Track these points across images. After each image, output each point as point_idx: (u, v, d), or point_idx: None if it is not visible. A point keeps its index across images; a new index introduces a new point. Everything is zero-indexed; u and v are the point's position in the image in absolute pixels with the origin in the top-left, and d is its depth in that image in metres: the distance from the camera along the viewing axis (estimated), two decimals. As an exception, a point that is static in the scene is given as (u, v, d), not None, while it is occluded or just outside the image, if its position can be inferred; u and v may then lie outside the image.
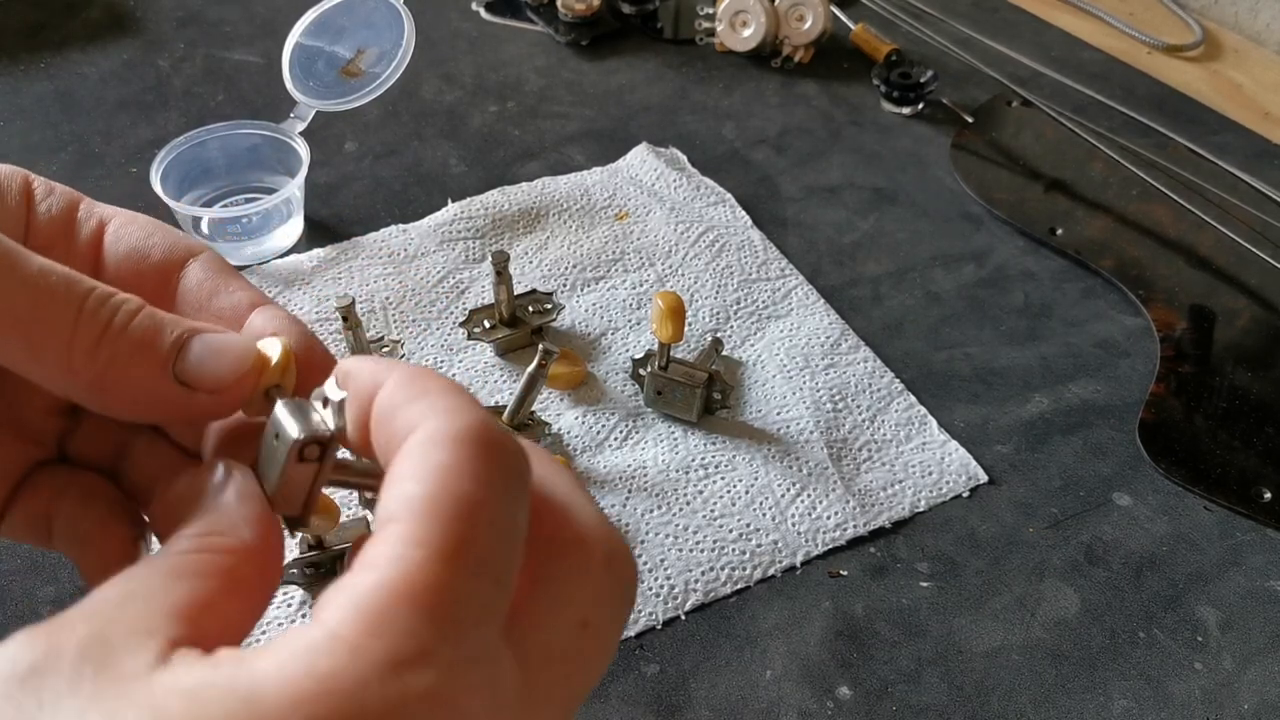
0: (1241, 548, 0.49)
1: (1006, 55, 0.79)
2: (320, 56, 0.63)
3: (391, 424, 0.24)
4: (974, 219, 0.68)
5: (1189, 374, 0.57)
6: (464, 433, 0.23)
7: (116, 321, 0.27)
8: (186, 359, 0.27)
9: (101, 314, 0.27)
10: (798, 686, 0.43)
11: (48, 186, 0.30)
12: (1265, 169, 0.71)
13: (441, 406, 0.24)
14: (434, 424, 0.23)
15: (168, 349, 0.27)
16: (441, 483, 0.22)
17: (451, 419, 0.24)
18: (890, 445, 0.53)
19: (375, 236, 0.63)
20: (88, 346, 0.26)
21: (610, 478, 0.50)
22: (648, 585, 0.46)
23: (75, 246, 0.30)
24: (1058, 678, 0.44)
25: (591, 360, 0.56)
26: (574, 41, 0.82)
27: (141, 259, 0.30)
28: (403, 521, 0.22)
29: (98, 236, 0.30)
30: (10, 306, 0.26)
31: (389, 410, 0.25)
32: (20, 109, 0.72)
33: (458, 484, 0.22)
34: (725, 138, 0.74)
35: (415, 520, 0.22)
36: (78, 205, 0.31)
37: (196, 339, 0.28)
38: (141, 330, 0.27)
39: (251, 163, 0.64)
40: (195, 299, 0.30)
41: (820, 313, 0.60)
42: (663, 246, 0.63)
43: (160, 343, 0.27)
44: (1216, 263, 0.64)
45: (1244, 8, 0.92)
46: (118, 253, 0.30)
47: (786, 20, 0.80)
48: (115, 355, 0.27)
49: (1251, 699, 0.44)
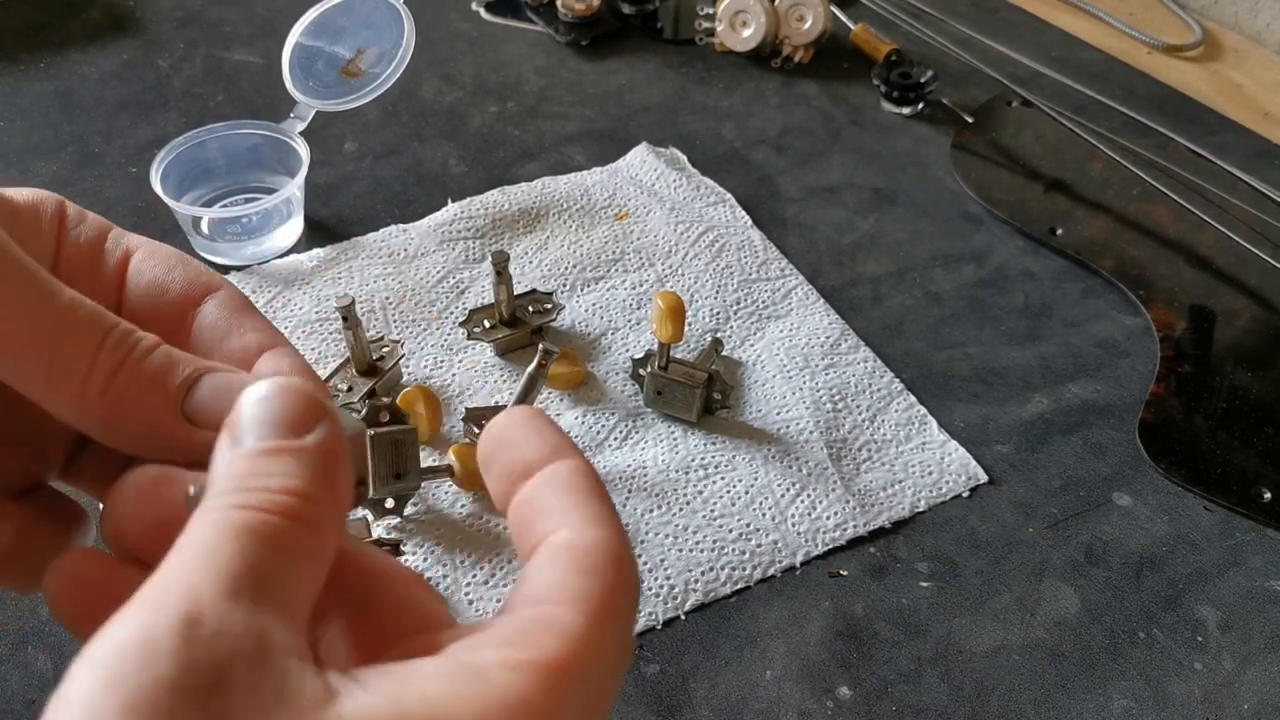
0: (1241, 548, 0.50)
1: (1006, 55, 0.79)
2: (320, 56, 0.63)
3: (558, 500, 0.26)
4: (974, 219, 0.68)
5: (1189, 374, 0.57)
6: (629, 561, 0.25)
7: (133, 357, 0.27)
8: (195, 397, 0.28)
9: (121, 350, 0.27)
10: (798, 686, 0.43)
11: (80, 214, 0.31)
12: (1265, 169, 0.71)
13: (615, 522, 0.26)
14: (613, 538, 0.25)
15: (178, 385, 0.28)
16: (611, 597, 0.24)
17: (624, 542, 0.26)
18: (890, 445, 0.53)
19: (375, 236, 0.63)
20: (104, 379, 0.27)
21: (610, 478, 0.50)
22: (648, 585, 0.46)
23: (101, 276, 0.31)
24: (1058, 678, 0.44)
25: (591, 360, 0.56)
26: (574, 41, 0.82)
27: (161, 294, 0.31)
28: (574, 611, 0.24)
29: (123, 266, 0.31)
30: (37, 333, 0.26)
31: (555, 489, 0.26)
32: (20, 109, 0.72)
33: (619, 603, 0.24)
34: (725, 138, 0.74)
35: (586, 617, 0.23)
36: (107, 234, 0.31)
37: (207, 378, 0.28)
38: (155, 366, 0.28)
39: (251, 163, 0.64)
40: (210, 338, 0.30)
41: (820, 313, 0.60)
42: (663, 246, 0.63)
43: (172, 379, 0.28)
44: (1216, 263, 0.64)
45: (1244, 8, 0.92)
46: (140, 286, 0.31)
47: (786, 20, 0.80)
48: (128, 389, 0.27)
49: (1251, 699, 0.44)
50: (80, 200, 0.69)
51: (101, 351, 0.27)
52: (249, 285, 0.59)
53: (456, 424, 0.52)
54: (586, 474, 0.26)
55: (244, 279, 0.59)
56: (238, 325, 0.31)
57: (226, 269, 0.60)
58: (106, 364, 0.27)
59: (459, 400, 0.54)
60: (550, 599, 0.24)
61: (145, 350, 0.28)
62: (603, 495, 0.26)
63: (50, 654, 0.42)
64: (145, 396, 0.27)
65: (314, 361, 0.55)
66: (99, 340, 0.27)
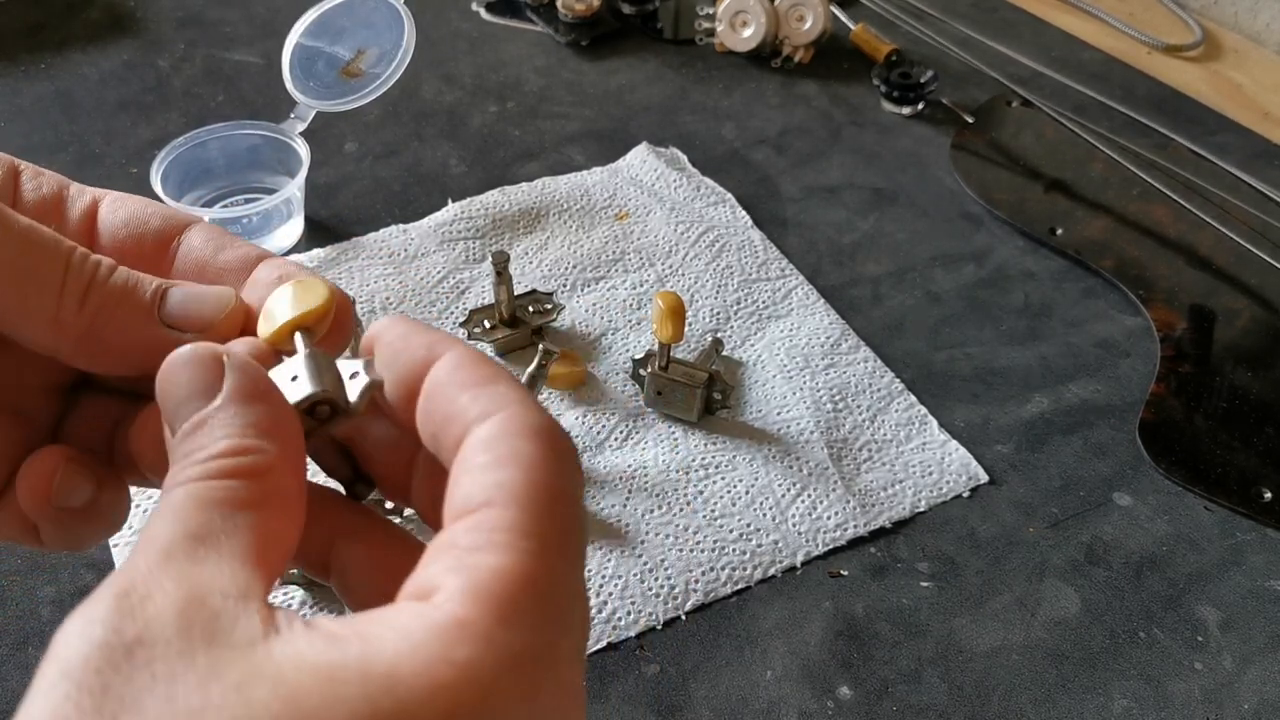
0: (1241, 548, 0.50)
1: (1006, 55, 0.79)
2: (320, 57, 0.63)
3: (453, 404, 0.24)
4: (974, 219, 0.68)
5: (1189, 374, 0.57)
6: (545, 428, 0.24)
7: (100, 274, 0.27)
8: (169, 304, 0.28)
9: (87, 267, 0.27)
10: (798, 686, 0.43)
11: (36, 171, 0.31)
12: (1265, 169, 0.71)
13: (515, 398, 0.24)
14: (517, 415, 0.24)
15: (150, 295, 0.28)
16: (540, 475, 0.23)
17: (530, 412, 0.24)
18: (890, 445, 0.53)
19: (375, 236, 0.63)
20: (77, 296, 0.27)
21: (610, 478, 0.50)
22: (648, 585, 0.46)
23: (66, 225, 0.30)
24: (1058, 678, 0.44)
25: (591, 360, 0.56)
26: (574, 42, 0.82)
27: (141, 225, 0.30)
28: (506, 508, 0.22)
29: (91, 214, 0.31)
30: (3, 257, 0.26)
31: (450, 389, 0.25)
32: (20, 109, 0.72)
33: (552, 478, 0.23)
34: (725, 138, 0.74)
35: (520, 510, 0.22)
36: (67, 189, 0.31)
37: (175, 288, 0.28)
38: (123, 281, 0.27)
39: (251, 163, 0.64)
40: (198, 258, 0.30)
41: (820, 313, 0.60)
42: (663, 246, 0.63)
43: (142, 291, 0.28)
44: (1216, 263, 0.64)
45: (1244, 8, 0.92)
46: (114, 224, 0.30)
47: (786, 20, 0.80)
48: (103, 304, 0.27)
49: (1251, 699, 0.44)
50: (80, 200, 0.68)
51: (69, 268, 0.27)
52: (249, 285, 0.59)
53: (457, 424, 0.52)
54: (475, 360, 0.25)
55: (244, 279, 0.59)
56: (226, 244, 0.30)
57: (226, 269, 0.60)
58: (76, 280, 0.27)
59: (459, 400, 0.54)
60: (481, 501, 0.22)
61: (110, 268, 0.27)
62: (498, 375, 0.25)
63: (50, 654, 0.42)
64: (121, 308, 0.27)
65: (314, 361, 0.55)
66: (65, 258, 0.27)
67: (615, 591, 0.46)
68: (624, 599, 0.45)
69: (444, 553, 0.22)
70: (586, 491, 0.50)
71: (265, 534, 0.22)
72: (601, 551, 0.47)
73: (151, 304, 0.28)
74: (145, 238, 0.30)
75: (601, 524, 0.48)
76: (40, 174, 0.30)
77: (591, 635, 0.44)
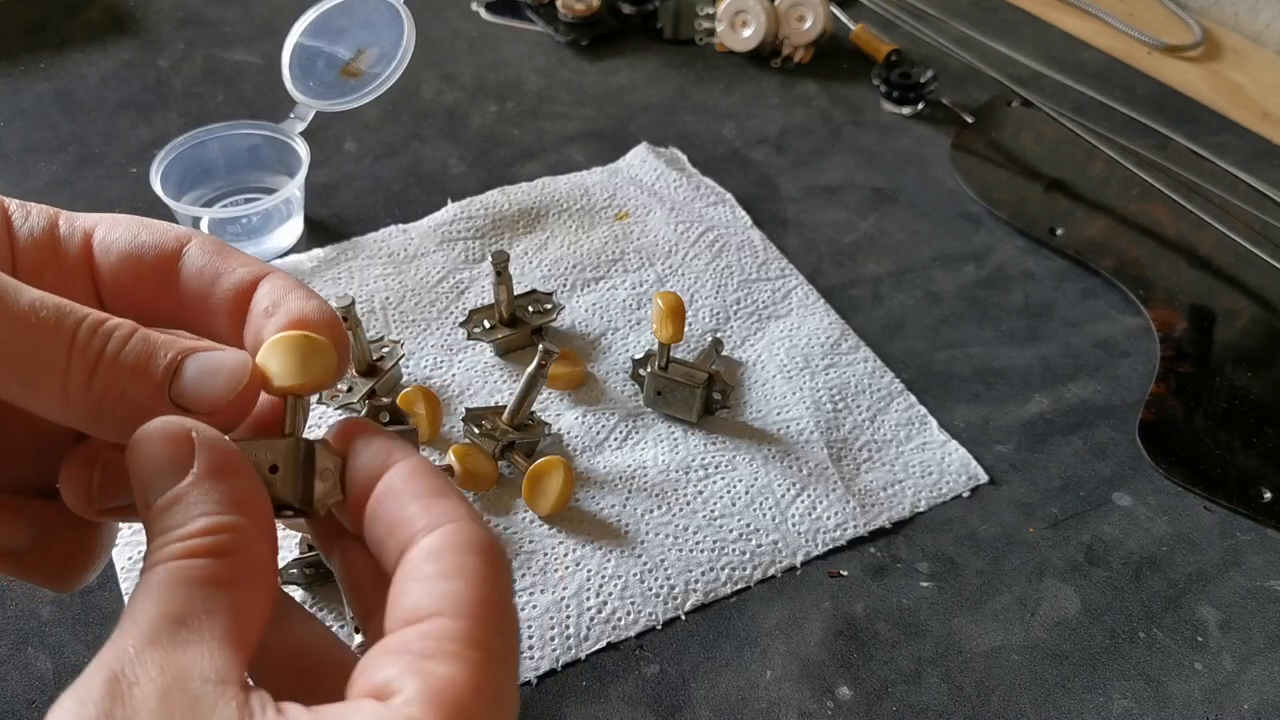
0: (1241, 548, 0.50)
1: (1006, 55, 0.79)
2: (320, 57, 0.63)
3: (402, 511, 0.26)
4: (974, 219, 0.68)
5: (1189, 374, 0.57)
6: (488, 544, 0.26)
7: (109, 350, 0.27)
8: (182, 381, 0.28)
9: (94, 344, 0.27)
10: (798, 686, 0.43)
11: (23, 208, 0.31)
12: (1265, 169, 0.71)
13: (462, 513, 0.26)
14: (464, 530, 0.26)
15: (162, 372, 0.28)
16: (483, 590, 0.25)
17: (475, 527, 0.26)
18: (890, 445, 0.53)
19: (375, 236, 0.63)
20: (82, 378, 0.27)
21: (610, 478, 0.50)
22: (648, 585, 0.46)
23: (65, 262, 0.30)
24: (1058, 678, 0.44)
25: (591, 360, 0.56)
26: (574, 41, 0.82)
27: (138, 261, 0.30)
28: (455, 620, 0.24)
29: (86, 249, 0.31)
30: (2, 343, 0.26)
31: (401, 497, 0.26)
32: (20, 109, 0.72)
33: (493, 591, 0.25)
34: (725, 138, 0.74)
35: (468, 622, 0.24)
36: (57, 222, 0.31)
37: (191, 360, 0.28)
38: (135, 356, 0.27)
39: (251, 163, 0.64)
40: (199, 287, 0.30)
41: (820, 313, 0.60)
42: (663, 246, 0.63)
43: (155, 366, 0.28)
44: (1216, 263, 0.64)
45: (1244, 8, 0.92)
46: (110, 261, 0.31)
47: (786, 20, 0.80)
48: (110, 384, 0.27)
49: (1251, 699, 0.44)
50: (80, 200, 0.69)
51: (74, 350, 0.27)
52: (249, 285, 0.59)
53: (456, 424, 0.52)
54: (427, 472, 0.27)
55: (244, 279, 0.59)
56: (225, 265, 0.30)
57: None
58: (82, 361, 0.27)
59: (459, 400, 0.54)
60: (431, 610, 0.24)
61: (121, 340, 0.27)
62: (448, 489, 0.27)
63: (50, 654, 0.42)
64: (130, 387, 0.27)
65: (314, 361, 0.55)
66: (69, 338, 0.27)
67: (615, 591, 0.46)
68: (624, 599, 0.45)
69: (398, 656, 0.24)
70: (587, 491, 0.50)
71: (242, 611, 0.24)
72: (601, 552, 0.47)
73: (163, 381, 0.28)
74: (143, 263, 0.30)
75: (601, 524, 0.48)
76: (28, 209, 0.30)
77: (591, 635, 0.44)
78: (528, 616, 0.45)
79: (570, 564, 0.47)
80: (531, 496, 0.48)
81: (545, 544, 0.47)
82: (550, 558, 0.47)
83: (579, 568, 0.46)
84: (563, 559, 0.47)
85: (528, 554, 0.47)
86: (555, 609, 0.45)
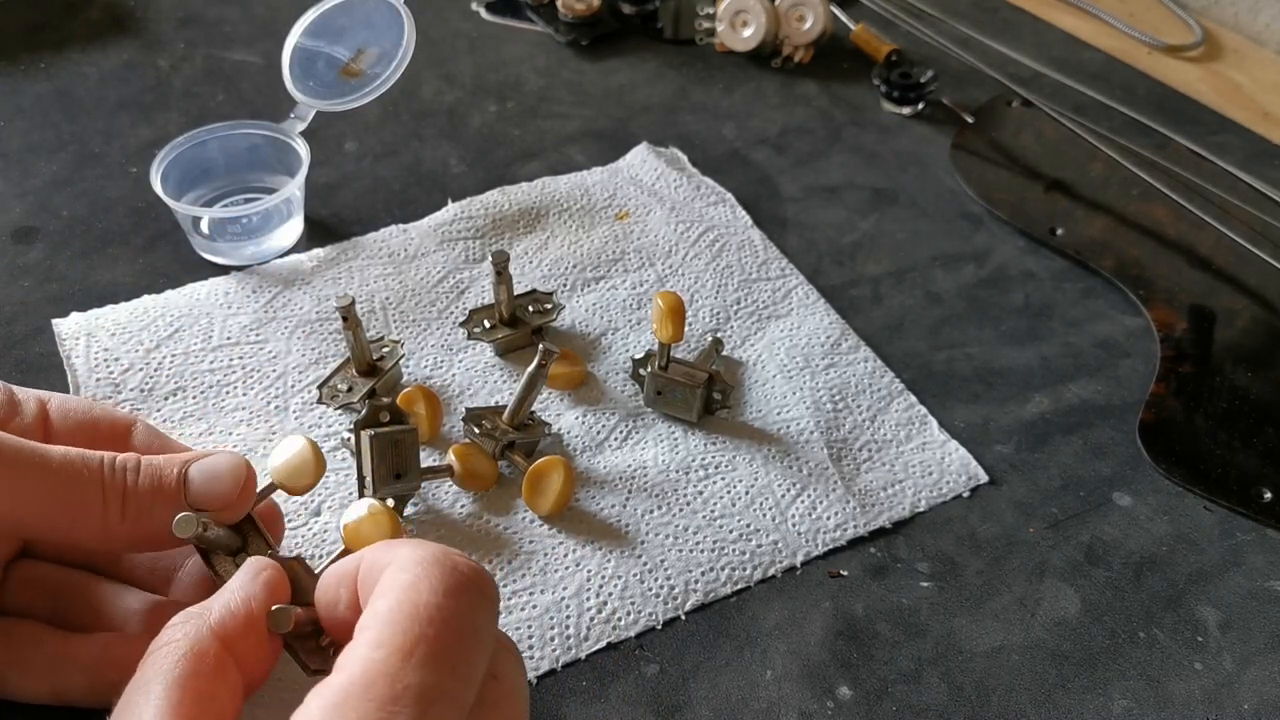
0: (1241, 548, 0.49)
1: (1006, 55, 0.79)
2: (320, 57, 0.63)
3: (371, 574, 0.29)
4: (974, 219, 0.68)
5: (1189, 374, 0.57)
6: (424, 556, 0.28)
7: (129, 481, 0.33)
8: (191, 488, 0.34)
9: (117, 479, 0.32)
10: (798, 686, 0.43)
11: None
12: (1265, 169, 0.71)
13: (409, 544, 0.29)
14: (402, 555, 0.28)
15: (175, 486, 0.33)
16: (402, 594, 0.27)
17: (414, 550, 0.29)
18: (890, 445, 0.53)
19: (375, 236, 0.63)
20: (118, 510, 0.32)
21: (610, 478, 0.50)
22: (648, 585, 0.46)
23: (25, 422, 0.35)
24: (1058, 678, 0.44)
25: (591, 360, 0.56)
26: (574, 41, 0.82)
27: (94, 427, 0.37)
28: (368, 629, 0.26)
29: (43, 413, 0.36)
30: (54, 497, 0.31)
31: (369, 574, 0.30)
32: (20, 109, 0.72)
33: (416, 595, 0.27)
34: (725, 138, 0.74)
35: (379, 626, 0.26)
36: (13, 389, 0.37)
37: (194, 468, 0.34)
38: (150, 479, 0.33)
39: (251, 163, 0.64)
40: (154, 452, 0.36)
41: (820, 313, 0.60)
42: (663, 246, 0.63)
43: (168, 481, 0.33)
44: (1216, 263, 0.64)
45: (1244, 8, 0.92)
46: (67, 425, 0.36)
47: (786, 20, 0.80)
48: (141, 509, 0.33)
49: (1251, 699, 0.44)
50: (80, 200, 0.69)
51: (106, 489, 0.32)
52: (249, 285, 0.59)
53: (456, 424, 0.52)
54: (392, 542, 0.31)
55: (244, 279, 0.59)
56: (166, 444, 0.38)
57: (226, 269, 0.60)
58: (115, 496, 0.32)
59: (459, 400, 0.54)
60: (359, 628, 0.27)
61: (134, 470, 0.33)
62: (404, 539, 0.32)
63: (50, 654, 0.42)
64: (156, 504, 0.33)
65: (314, 361, 0.55)
66: (99, 480, 0.32)
67: (615, 592, 0.46)
68: (624, 599, 0.45)
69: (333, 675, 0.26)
70: (587, 491, 0.50)
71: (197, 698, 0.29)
72: (601, 552, 0.47)
73: (178, 491, 0.33)
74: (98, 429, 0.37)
75: (601, 524, 0.48)
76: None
77: (591, 635, 0.44)
78: (528, 616, 0.44)
79: (570, 564, 0.47)
80: (531, 496, 0.48)
81: (545, 544, 0.47)
82: (550, 558, 0.47)
83: (579, 568, 0.46)
84: (563, 559, 0.47)
85: (528, 554, 0.47)
86: (555, 609, 0.45)
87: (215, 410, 0.52)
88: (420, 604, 0.26)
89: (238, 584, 0.31)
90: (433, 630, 0.26)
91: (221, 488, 0.33)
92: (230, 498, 0.34)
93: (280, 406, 0.52)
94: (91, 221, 0.62)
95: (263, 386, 0.53)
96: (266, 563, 0.32)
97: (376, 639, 0.25)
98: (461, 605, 0.27)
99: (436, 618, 0.26)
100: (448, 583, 0.27)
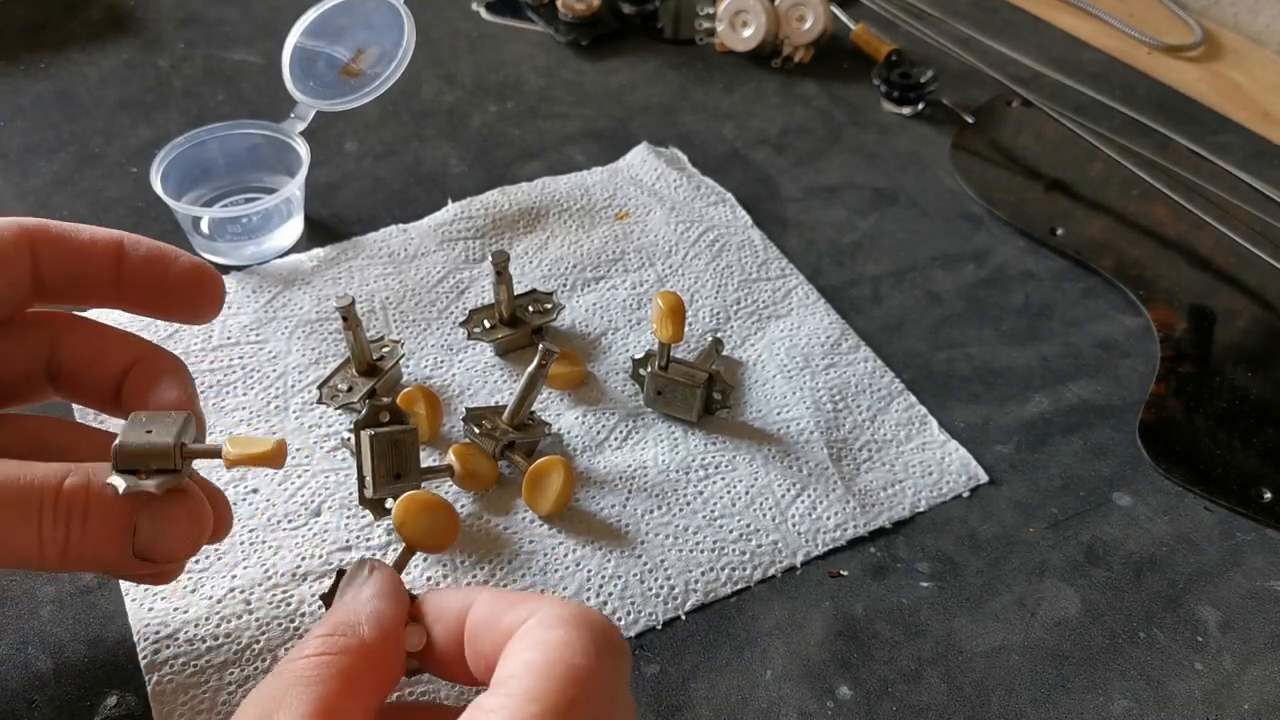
0: (1241, 548, 0.50)
1: (1006, 55, 0.79)
2: (320, 57, 0.63)
3: (495, 628, 0.30)
4: (974, 219, 0.68)
5: (1189, 374, 0.57)
6: (573, 616, 0.29)
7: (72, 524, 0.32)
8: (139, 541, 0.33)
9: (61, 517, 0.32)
10: (798, 686, 0.43)
11: None
12: (1265, 169, 0.71)
13: (547, 601, 0.30)
14: (547, 610, 0.29)
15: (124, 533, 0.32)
16: (555, 653, 0.27)
17: (559, 606, 0.29)
18: (890, 445, 0.53)
19: (375, 236, 0.63)
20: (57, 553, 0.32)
21: (610, 478, 0.50)
22: (648, 585, 0.46)
23: None
24: (1058, 678, 0.44)
25: (591, 360, 0.56)
26: (574, 41, 0.82)
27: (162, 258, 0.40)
28: (518, 680, 0.26)
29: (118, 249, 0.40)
30: None
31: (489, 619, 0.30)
32: (20, 109, 0.72)
33: (570, 654, 0.27)
34: (725, 138, 0.74)
35: (533, 681, 0.26)
36: None
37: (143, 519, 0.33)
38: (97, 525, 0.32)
39: (251, 163, 0.64)
40: None
41: (820, 313, 0.60)
42: (663, 246, 0.63)
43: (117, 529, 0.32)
44: (1216, 263, 0.64)
45: (1244, 8, 0.92)
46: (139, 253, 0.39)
47: (787, 20, 0.80)
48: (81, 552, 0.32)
49: (1252, 699, 0.44)
50: (80, 200, 0.69)
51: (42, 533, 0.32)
52: (249, 285, 0.59)
53: (456, 424, 0.52)
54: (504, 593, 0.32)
55: (244, 279, 0.59)
56: None
57: (226, 269, 0.60)
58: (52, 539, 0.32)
59: (459, 400, 0.54)
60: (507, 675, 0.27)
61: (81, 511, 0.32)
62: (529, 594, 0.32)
63: (50, 654, 0.42)
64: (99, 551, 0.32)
65: (314, 361, 0.55)
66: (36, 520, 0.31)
67: (615, 592, 0.46)
68: (624, 599, 0.45)
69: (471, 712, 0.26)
70: (587, 491, 0.50)
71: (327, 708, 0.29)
72: (601, 552, 0.47)
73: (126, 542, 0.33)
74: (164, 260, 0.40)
75: (601, 524, 0.48)
76: None
77: (591, 635, 0.44)
78: (528, 616, 0.45)
79: (570, 564, 0.47)
80: (531, 496, 0.48)
81: (545, 544, 0.47)
82: (550, 558, 0.47)
83: (579, 568, 0.46)
84: (563, 559, 0.47)
85: (528, 554, 0.47)
86: (555, 609, 0.45)
87: (215, 410, 0.52)
88: (575, 665, 0.27)
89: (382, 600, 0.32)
90: (585, 693, 0.26)
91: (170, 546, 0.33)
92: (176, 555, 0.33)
93: (280, 406, 0.52)
94: (92, 221, 0.62)
95: (263, 386, 0.53)
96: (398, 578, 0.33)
97: (530, 693, 0.26)
98: (609, 669, 0.28)
99: (590, 681, 0.27)
100: (598, 645, 0.28)
